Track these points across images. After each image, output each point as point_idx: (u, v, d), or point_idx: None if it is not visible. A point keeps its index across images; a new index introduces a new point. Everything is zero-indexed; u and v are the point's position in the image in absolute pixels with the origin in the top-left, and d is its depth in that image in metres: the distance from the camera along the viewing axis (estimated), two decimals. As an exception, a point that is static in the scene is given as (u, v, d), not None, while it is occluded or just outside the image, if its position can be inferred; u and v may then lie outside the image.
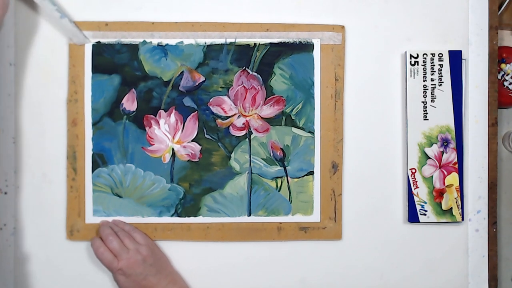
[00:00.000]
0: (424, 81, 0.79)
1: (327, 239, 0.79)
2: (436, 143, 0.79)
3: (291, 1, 0.79)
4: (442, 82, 0.79)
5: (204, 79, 0.78)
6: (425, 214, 0.79)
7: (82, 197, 0.78)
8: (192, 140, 0.79)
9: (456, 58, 0.79)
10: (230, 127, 0.79)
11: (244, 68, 0.79)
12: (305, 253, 0.80)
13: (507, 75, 0.85)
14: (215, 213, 0.79)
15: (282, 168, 0.79)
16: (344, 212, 0.80)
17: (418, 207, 0.79)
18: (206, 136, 0.79)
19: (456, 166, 0.79)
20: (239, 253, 0.79)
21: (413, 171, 0.79)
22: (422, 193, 0.79)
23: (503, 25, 0.86)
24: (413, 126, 0.79)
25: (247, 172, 0.79)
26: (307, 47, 0.79)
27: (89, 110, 0.78)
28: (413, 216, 0.79)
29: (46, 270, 0.78)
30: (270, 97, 0.79)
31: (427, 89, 0.79)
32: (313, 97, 0.79)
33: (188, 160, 0.78)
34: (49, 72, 0.78)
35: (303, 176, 0.79)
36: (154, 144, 0.78)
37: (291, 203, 0.79)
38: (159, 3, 0.79)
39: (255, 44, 0.78)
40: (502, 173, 0.86)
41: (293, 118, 0.79)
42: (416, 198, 0.79)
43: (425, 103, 0.79)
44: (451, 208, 0.79)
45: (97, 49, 0.78)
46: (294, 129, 0.79)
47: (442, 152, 0.79)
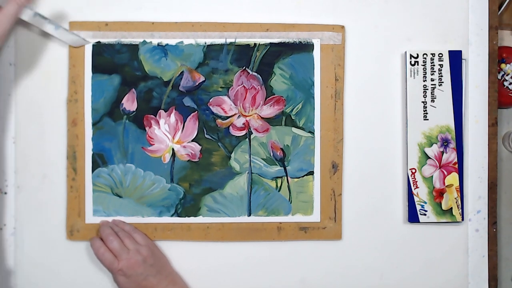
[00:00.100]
0: (424, 81, 0.79)
1: (327, 239, 0.79)
2: (436, 143, 0.79)
3: (291, 1, 0.79)
4: (442, 82, 0.79)
5: (204, 79, 0.78)
6: (425, 214, 0.79)
7: (82, 197, 0.78)
8: (192, 140, 0.79)
9: (456, 58, 0.79)
10: (230, 127, 0.79)
11: (244, 68, 0.79)
12: (305, 253, 0.80)
13: (507, 75, 0.85)
14: (215, 213, 0.79)
15: (282, 168, 0.79)
16: (344, 212, 0.80)
17: (418, 207, 0.79)
18: (206, 136, 0.79)
19: (456, 166, 0.79)
20: (239, 253, 0.79)
21: (413, 171, 0.79)
22: (422, 193, 0.79)
23: (503, 25, 0.86)
24: (413, 126, 0.79)
25: (247, 172, 0.79)
26: (307, 47, 0.78)
27: (89, 110, 0.78)
28: (413, 216, 0.79)
29: (46, 270, 0.78)
30: (270, 97, 0.79)
31: (427, 89, 0.79)
32: (313, 97, 0.79)
33: (188, 160, 0.78)
34: (49, 72, 0.78)
35: (303, 176, 0.79)
36: (154, 144, 0.78)
37: (291, 203, 0.79)
38: (159, 3, 0.79)
39: (255, 44, 0.78)
40: (502, 173, 0.86)
41: (293, 118, 0.79)
42: (416, 198, 0.79)
43: (425, 103, 0.79)
44: (451, 208, 0.79)
45: (97, 49, 0.78)
46: (294, 129, 0.79)
47: (442, 152, 0.79)
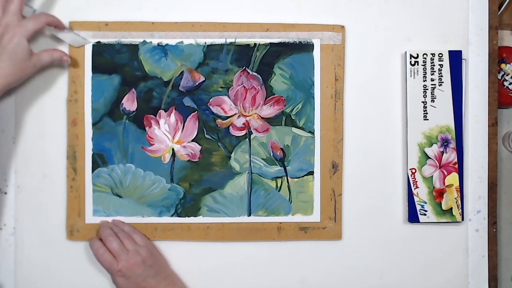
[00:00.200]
0: (424, 81, 0.79)
1: (327, 239, 0.79)
2: (436, 143, 0.79)
3: (291, 1, 0.79)
4: (442, 82, 0.79)
5: (204, 79, 0.78)
6: (425, 214, 0.79)
7: (82, 197, 0.78)
8: (192, 140, 0.79)
9: (456, 58, 0.79)
10: (230, 127, 0.79)
11: (244, 68, 0.78)
12: (305, 253, 0.80)
13: (507, 75, 0.85)
14: (215, 213, 0.79)
15: (282, 168, 0.79)
16: (344, 212, 0.80)
17: (418, 207, 0.79)
18: (206, 136, 0.79)
19: (456, 166, 0.79)
20: (239, 253, 0.79)
21: (413, 171, 0.79)
22: (422, 193, 0.79)
23: (503, 25, 0.86)
24: (413, 126, 0.79)
25: (247, 172, 0.79)
26: (307, 47, 0.78)
27: (89, 110, 0.78)
28: (413, 216, 0.79)
29: (46, 270, 0.78)
30: (270, 97, 0.79)
31: (427, 89, 0.79)
32: (313, 97, 0.79)
33: (188, 160, 0.78)
34: (49, 72, 0.78)
35: (303, 176, 0.79)
36: (154, 144, 0.78)
37: (291, 203, 0.79)
38: (159, 3, 0.79)
39: (255, 44, 0.78)
40: (502, 173, 0.86)
41: (293, 118, 0.79)
42: (416, 198, 0.79)
43: (425, 103, 0.79)
44: (451, 208, 0.79)
45: (97, 49, 0.78)
46: (294, 129, 0.79)
47: (442, 152, 0.79)
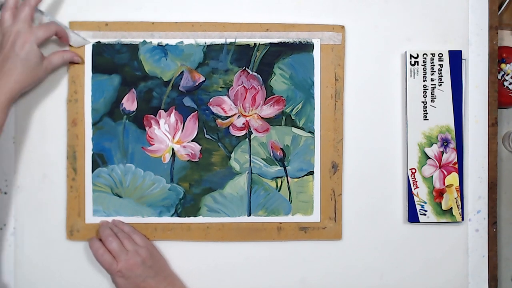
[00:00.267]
0: (424, 81, 0.79)
1: (327, 239, 0.79)
2: (436, 143, 0.79)
3: (291, 1, 0.79)
4: (442, 82, 0.79)
5: (204, 79, 0.78)
6: (425, 214, 0.79)
7: (82, 197, 0.78)
8: (192, 140, 0.79)
9: (456, 58, 0.79)
10: (230, 127, 0.79)
11: (244, 68, 0.78)
12: (305, 253, 0.80)
13: (507, 75, 0.85)
14: (215, 213, 0.79)
15: (282, 168, 0.79)
16: (344, 212, 0.80)
17: (418, 207, 0.79)
18: (206, 136, 0.79)
19: (456, 166, 0.79)
20: (239, 253, 0.79)
21: (413, 171, 0.79)
22: (422, 193, 0.79)
23: (503, 25, 0.86)
24: (413, 126, 0.79)
25: (247, 172, 0.79)
26: (307, 47, 0.78)
27: (89, 110, 0.78)
28: (413, 216, 0.79)
29: (46, 270, 0.78)
30: (270, 97, 0.79)
31: (427, 89, 0.79)
32: (313, 97, 0.79)
33: (188, 160, 0.78)
34: (49, 72, 0.78)
35: (303, 176, 0.79)
36: (154, 144, 0.78)
37: (291, 203, 0.79)
38: (159, 3, 0.79)
39: (255, 44, 0.78)
40: (502, 173, 0.86)
41: (293, 118, 0.79)
42: (416, 198, 0.79)
43: (425, 103, 0.79)
44: (451, 208, 0.79)
45: (97, 49, 0.78)
46: (294, 129, 0.79)
47: (442, 152, 0.79)
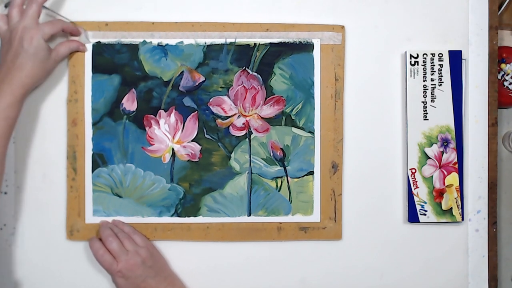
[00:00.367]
0: (424, 81, 0.79)
1: (327, 239, 0.79)
2: (436, 143, 0.79)
3: (291, 1, 0.79)
4: (442, 82, 0.79)
5: (204, 79, 0.78)
6: (425, 214, 0.79)
7: (82, 197, 0.78)
8: (192, 140, 0.79)
9: (456, 58, 0.79)
10: (230, 127, 0.79)
11: (244, 68, 0.78)
12: (305, 253, 0.80)
13: (507, 75, 0.85)
14: (215, 213, 0.79)
15: (282, 168, 0.79)
16: (344, 212, 0.80)
17: (418, 207, 0.79)
18: (206, 136, 0.79)
19: (456, 166, 0.79)
20: (239, 253, 0.79)
21: (413, 171, 0.79)
22: (422, 193, 0.79)
23: (503, 25, 0.86)
24: (413, 126, 0.79)
25: (247, 172, 0.79)
26: (307, 47, 0.78)
27: (89, 110, 0.78)
28: (413, 216, 0.79)
29: (46, 270, 0.78)
30: (270, 97, 0.79)
31: (427, 89, 0.79)
32: (313, 97, 0.79)
33: (188, 160, 0.78)
34: (49, 72, 0.78)
35: (303, 176, 0.79)
36: (154, 144, 0.78)
37: (291, 203, 0.79)
38: (159, 3, 0.79)
39: (255, 44, 0.78)
40: (502, 173, 0.86)
41: (293, 118, 0.79)
42: (416, 198, 0.79)
43: (425, 103, 0.79)
44: (451, 208, 0.79)
45: (97, 49, 0.78)
46: (294, 129, 0.79)
47: (442, 152, 0.79)
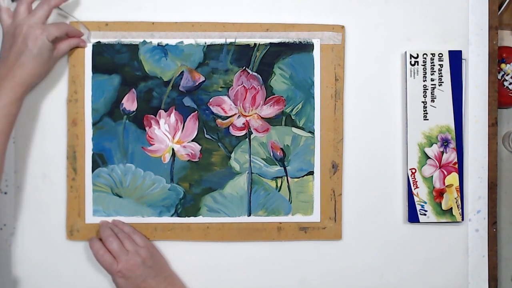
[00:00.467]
0: (424, 81, 0.79)
1: (327, 239, 0.79)
2: (436, 143, 0.79)
3: (291, 1, 0.79)
4: (442, 82, 0.79)
5: (204, 79, 0.78)
6: (425, 214, 0.79)
7: (82, 197, 0.78)
8: (192, 140, 0.79)
9: (456, 58, 0.79)
10: (230, 127, 0.79)
11: (244, 68, 0.79)
12: (305, 253, 0.80)
13: (507, 75, 0.85)
14: (215, 213, 0.79)
15: (282, 168, 0.79)
16: (344, 212, 0.80)
17: (418, 207, 0.79)
18: (206, 136, 0.79)
19: (456, 166, 0.79)
20: (239, 253, 0.79)
21: (413, 171, 0.79)
22: (422, 193, 0.79)
23: (503, 25, 0.86)
24: (413, 126, 0.79)
25: (247, 172, 0.79)
26: (307, 47, 0.78)
27: (89, 110, 0.78)
28: (413, 216, 0.79)
29: (46, 270, 0.78)
30: (270, 97, 0.79)
31: (427, 89, 0.79)
32: (313, 97, 0.79)
33: (188, 160, 0.78)
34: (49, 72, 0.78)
35: (303, 176, 0.79)
36: (154, 144, 0.78)
37: (291, 203, 0.79)
38: (159, 3, 0.79)
39: (255, 44, 0.78)
40: (502, 173, 0.86)
41: (293, 118, 0.79)
42: (416, 198, 0.79)
43: (425, 103, 0.79)
44: (451, 208, 0.79)
45: (97, 49, 0.78)
46: (294, 129, 0.79)
47: (442, 152, 0.79)
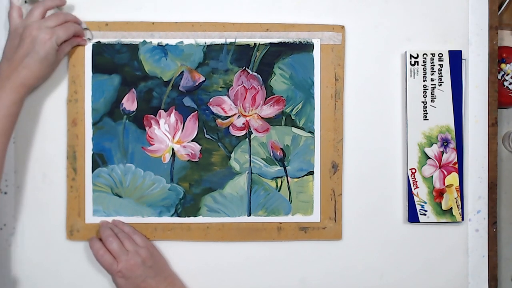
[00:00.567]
0: (424, 81, 0.79)
1: (327, 239, 0.79)
2: (436, 143, 0.79)
3: (291, 1, 0.79)
4: (442, 82, 0.79)
5: (204, 79, 0.78)
6: (425, 214, 0.79)
7: (82, 197, 0.78)
8: (192, 140, 0.79)
9: (456, 58, 0.79)
10: (230, 127, 0.79)
11: (244, 68, 0.79)
12: (305, 253, 0.80)
13: (507, 75, 0.85)
14: (215, 213, 0.79)
15: (282, 168, 0.79)
16: (344, 212, 0.80)
17: (418, 207, 0.79)
18: (206, 136, 0.79)
19: (456, 166, 0.79)
20: (239, 253, 0.79)
21: (413, 171, 0.79)
22: (422, 193, 0.79)
23: (503, 25, 0.86)
24: (413, 126, 0.79)
25: (247, 172, 0.79)
26: (307, 47, 0.78)
27: (89, 110, 0.78)
28: (413, 216, 0.79)
29: (46, 270, 0.78)
30: (270, 97, 0.79)
31: (427, 89, 0.79)
32: (313, 97, 0.79)
33: (188, 160, 0.78)
34: (49, 72, 0.78)
35: (303, 176, 0.79)
36: (154, 144, 0.78)
37: (291, 203, 0.79)
38: (159, 3, 0.79)
39: (255, 44, 0.78)
40: (502, 173, 0.86)
41: (293, 118, 0.79)
42: (416, 198, 0.79)
43: (425, 103, 0.79)
44: (451, 208, 0.79)
45: (97, 49, 0.78)
46: (294, 129, 0.79)
47: (442, 152, 0.79)
